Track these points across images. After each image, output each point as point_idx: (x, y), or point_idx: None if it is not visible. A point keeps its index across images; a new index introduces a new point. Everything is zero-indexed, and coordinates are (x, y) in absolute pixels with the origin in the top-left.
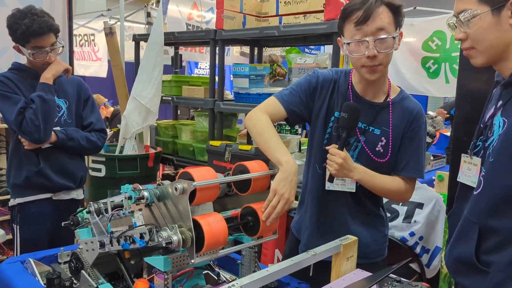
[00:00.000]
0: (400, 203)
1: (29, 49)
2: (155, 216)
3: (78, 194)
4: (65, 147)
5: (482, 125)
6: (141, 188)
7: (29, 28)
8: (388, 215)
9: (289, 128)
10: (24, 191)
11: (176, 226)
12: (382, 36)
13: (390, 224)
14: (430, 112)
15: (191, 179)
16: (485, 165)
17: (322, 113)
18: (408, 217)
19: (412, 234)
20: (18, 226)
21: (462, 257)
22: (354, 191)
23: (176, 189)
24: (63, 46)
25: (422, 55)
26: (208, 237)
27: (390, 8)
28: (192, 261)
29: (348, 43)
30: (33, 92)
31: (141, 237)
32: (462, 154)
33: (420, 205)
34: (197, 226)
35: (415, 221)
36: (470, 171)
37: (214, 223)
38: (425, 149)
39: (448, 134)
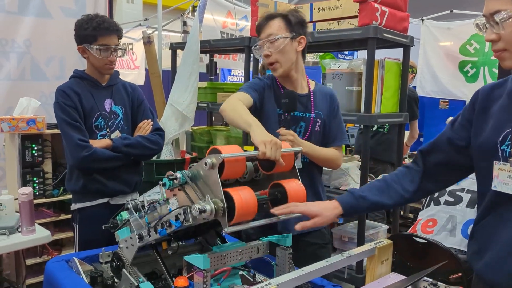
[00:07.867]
0: (465, 191)
1: (96, 45)
2: (189, 196)
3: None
4: (130, 155)
5: None
6: (173, 173)
7: (100, 25)
8: (451, 199)
9: None
10: (82, 197)
11: (208, 196)
12: (269, 38)
13: (453, 207)
14: None
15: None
16: None
17: (272, 110)
18: (472, 203)
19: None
20: (77, 226)
21: None
22: (301, 167)
23: (206, 163)
24: (124, 50)
25: (460, 59)
26: (239, 206)
27: (281, 18)
28: (225, 229)
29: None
30: (92, 101)
31: (177, 218)
32: (496, 162)
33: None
34: (228, 197)
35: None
36: None
37: (244, 194)
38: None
39: None
